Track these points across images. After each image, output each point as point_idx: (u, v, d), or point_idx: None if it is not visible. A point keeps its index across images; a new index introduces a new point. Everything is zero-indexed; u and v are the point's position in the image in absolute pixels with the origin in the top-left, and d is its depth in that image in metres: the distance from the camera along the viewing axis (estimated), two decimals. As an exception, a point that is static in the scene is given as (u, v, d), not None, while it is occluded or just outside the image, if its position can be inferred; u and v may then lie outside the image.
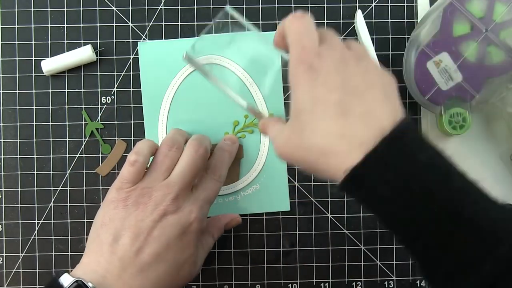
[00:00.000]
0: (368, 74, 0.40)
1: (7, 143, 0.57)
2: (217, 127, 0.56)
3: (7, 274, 0.56)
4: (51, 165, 0.56)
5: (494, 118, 0.57)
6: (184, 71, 0.56)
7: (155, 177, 0.47)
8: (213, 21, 0.53)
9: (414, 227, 0.36)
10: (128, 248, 0.44)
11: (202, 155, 0.49)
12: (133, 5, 0.57)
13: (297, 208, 0.57)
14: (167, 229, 0.45)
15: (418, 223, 0.36)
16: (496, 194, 0.56)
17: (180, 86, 0.56)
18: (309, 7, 0.57)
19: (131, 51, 0.57)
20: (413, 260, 0.44)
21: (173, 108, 0.56)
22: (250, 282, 0.56)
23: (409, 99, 0.57)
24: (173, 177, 0.47)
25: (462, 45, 0.52)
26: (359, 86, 0.39)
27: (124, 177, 0.47)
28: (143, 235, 0.45)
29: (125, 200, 0.46)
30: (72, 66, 0.56)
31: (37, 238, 0.56)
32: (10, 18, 0.57)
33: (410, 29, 0.57)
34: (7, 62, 0.57)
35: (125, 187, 0.47)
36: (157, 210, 0.45)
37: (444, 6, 0.52)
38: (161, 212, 0.45)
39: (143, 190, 0.46)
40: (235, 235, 0.57)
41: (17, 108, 0.57)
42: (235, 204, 0.56)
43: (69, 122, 0.57)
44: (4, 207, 0.56)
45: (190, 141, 0.50)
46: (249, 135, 0.56)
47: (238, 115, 0.56)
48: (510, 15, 0.51)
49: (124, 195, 0.46)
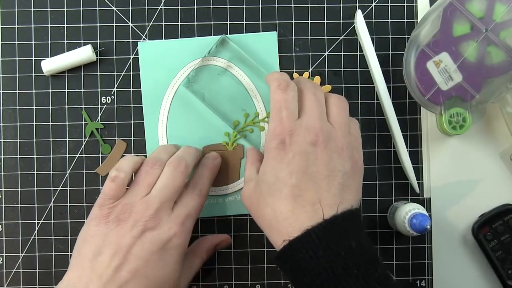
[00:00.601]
0: (332, 162, 0.44)
1: (7, 143, 0.57)
2: (217, 128, 0.56)
3: (7, 274, 0.56)
4: (51, 165, 0.56)
5: (494, 118, 0.57)
6: (184, 71, 0.56)
7: (136, 193, 0.48)
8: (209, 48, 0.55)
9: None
10: (107, 265, 0.45)
11: (182, 172, 0.49)
12: (133, 5, 0.57)
13: (297, 208, 0.57)
14: (146, 245, 0.46)
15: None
16: (496, 194, 0.56)
17: (180, 86, 0.56)
18: (309, 7, 0.57)
19: (131, 51, 0.57)
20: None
21: (173, 108, 0.56)
22: (250, 282, 0.56)
23: (409, 99, 0.57)
24: (153, 193, 0.48)
25: (462, 45, 0.52)
26: (319, 173, 0.44)
27: (106, 193, 0.48)
28: (123, 252, 0.45)
29: (107, 216, 0.47)
30: (72, 66, 0.56)
31: (37, 238, 0.56)
32: (10, 18, 0.57)
33: (410, 29, 0.57)
34: (7, 62, 0.57)
35: (107, 204, 0.47)
36: (137, 227, 0.46)
37: (444, 6, 0.52)
38: (140, 228, 0.46)
39: (124, 206, 0.47)
40: (235, 235, 0.57)
41: (17, 108, 0.57)
42: (235, 204, 0.56)
43: (69, 122, 0.57)
44: (4, 207, 0.56)
45: (171, 159, 0.50)
46: (249, 135, 0.56)
47: (238, 115, 0.56)
48: (510, 15, 0.51)
49: (106, 212, 0.47)
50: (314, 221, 0.42)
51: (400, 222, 0.51)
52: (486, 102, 0.53)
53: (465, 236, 0.56)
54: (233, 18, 0.57)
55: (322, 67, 0.57)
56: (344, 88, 0.57)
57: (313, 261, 0.41)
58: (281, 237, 0.43)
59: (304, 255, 0.41)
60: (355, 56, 0.57)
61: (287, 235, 0.42)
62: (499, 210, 0.55)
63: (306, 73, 0.57)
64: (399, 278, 0.56)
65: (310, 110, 0.46)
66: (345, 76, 0.57)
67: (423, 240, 0.57)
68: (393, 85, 0.57)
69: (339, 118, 0.47)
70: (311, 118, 0.45)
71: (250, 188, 0.48)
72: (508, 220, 0.55)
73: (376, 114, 0.57)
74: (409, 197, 0.57)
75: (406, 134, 0.56)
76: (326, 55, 0.57)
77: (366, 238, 0.43)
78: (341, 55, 0.57)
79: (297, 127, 0.45)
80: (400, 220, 0.52)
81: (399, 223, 0.52)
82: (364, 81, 0.57)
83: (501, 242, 0.55)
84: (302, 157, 0.44)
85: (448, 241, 0.56)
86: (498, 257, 0.54)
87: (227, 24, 0.57)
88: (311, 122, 0.45)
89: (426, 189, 0.57)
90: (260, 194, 0.45)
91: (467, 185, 0.56)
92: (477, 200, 0.56)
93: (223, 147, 0.56)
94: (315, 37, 0.57)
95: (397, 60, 0.57)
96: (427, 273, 0.57)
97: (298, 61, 0.57)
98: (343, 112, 0.48)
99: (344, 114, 0.48)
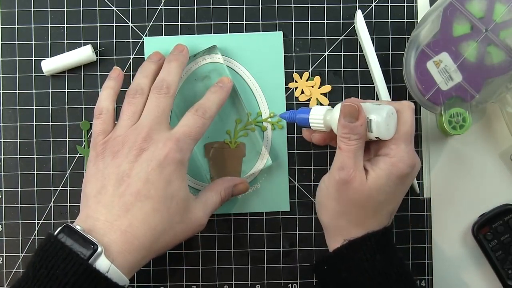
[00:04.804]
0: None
1: (7, 143, 0.56)
2: (219, 125, 0.56)
3: (7, 274, 0.56)
4: (51, 165, 0.56)
5: (494, 118, 0.57)
6: (188, 68, 0.56)
7: (124, 124, 0.48)
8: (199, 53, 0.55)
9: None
10: (111, 194, 0.45)
11: (164, 93, 0.49)
12: (133, 5, 0.57)
13: (297, 208, 0.57)
14: (144, 165, 0.46)
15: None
16: (496, 194, 0.56)
17: (183, 83, 0.56)
18: (309, 7, 0.57)
19: (131, 51, 0.57)
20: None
21: (175, 104, 0.56)
22: (250, 282, 0.56)
23: (409, 99, 0.57)
24: (141, 120, 0.48)
25: (462, 45, 0.52)
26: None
27: (94, 131, 0.49)
28: (123, 178, 0.45)
29: (102, 153, 0.47)
30: (72, 66, 0.56)
31: (37, 238, 0.56)
32: (10, 18, 0.57)
33: (410, 29, 0.57)
34: (7, 62, 0.57)
35: (99, 140, 0.48)
36: (131, 151, 0.46)
37: (444, 6, 0.52)
38: (135, 152, 0.46)
39: (115, 139, 0.47)
40: (235, 235, 0.57)
41: (17, 108, 0.57)
42: (235, 203, 0.56)
43: (69, 122, 0.57)
44: (4, 207, 0.56)
45: (153, 85, 0.50)
46: (251, 134, 0.56)
47: (240, 113, 0.56)
48: (510, 15, 0.51)
49: (100, 149, 0.48)
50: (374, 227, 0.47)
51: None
52: (486, 102, 0.53)
53: (465, 236, 0.56)
54: (233, 18, 0.57)
55: (322, 67, 0.57)
56: (344, 88, 0.57)
57: (369, 263, 0.45)
58: (341, 236, 0.47)
59: (362, 256, 0.45)
60: (355, 56, 0.57)
61: (347, 235, 0.47)
62: (499, 210, 0.55)
63: (306, 73, 0.57)
64: (399, 278, 0.56)
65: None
66: (345, 76, 0.57)
67: (423, 240, 0.57)
68: (393, 85, 0.57)
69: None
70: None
71: (322, 193, 0.50)
72: (508, 220, 0.55)
73: (376, 114, 0.57)
74: (409, 197, 0.57)
75: (406, 134, 0.56)
76: (326, 55, 0.57)
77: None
78: (341, 55, 0.57)
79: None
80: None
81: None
82: (364, 81, 0.57)
83: (501, 242, 0.55)
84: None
85: (448, 241, 0.56)
86: (498, 257, 0.54)
87: (227, 24, 0.57)
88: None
89: (426, 189, 0.57)
90: (321, 203, 0.50)
91: (467, 185, 0.56)
92: (477, 200, 0.56)
93: (226, 145, 0.56)
94: (315, 37, 0.57)
95: (397, 60, 0.57)
96: (427, 273, 0.57)
97: (298, 61, 0.57)
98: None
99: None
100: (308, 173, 0.57)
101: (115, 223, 0.44)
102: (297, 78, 0.57)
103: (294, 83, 0.57)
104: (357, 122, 0.45)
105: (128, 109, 0.49)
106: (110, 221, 0.44)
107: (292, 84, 0.57)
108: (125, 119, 0.49)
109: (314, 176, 0.57)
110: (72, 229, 0.43)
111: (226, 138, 0.56)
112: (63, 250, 0.41)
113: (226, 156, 0.56)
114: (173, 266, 0.57)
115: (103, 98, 0.50)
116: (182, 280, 0.57)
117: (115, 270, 0.42)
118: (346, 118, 0.46)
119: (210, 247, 0.57)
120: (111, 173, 0.46)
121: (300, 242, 0.57)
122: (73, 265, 0.41)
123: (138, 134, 0.47)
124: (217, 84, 0.52)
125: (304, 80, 0.57)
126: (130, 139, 0.47)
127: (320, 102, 0.57)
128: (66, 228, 0.43)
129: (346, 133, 0.46)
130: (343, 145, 0.46)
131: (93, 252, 0.42)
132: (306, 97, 0.57)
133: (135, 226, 0.44)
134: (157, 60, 0.52)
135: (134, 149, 0.46)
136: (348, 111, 0.46)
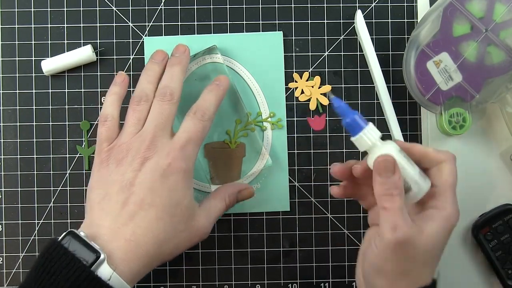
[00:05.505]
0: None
1: (7, 143, 0.57)
2: (218, 125, 0.56)
3: (7, 274, 0.56)
4: (51, 165, 0.56)
5: (494, 118, 0.57)
6: (188, 68, 0.56)
7: (128, 131, 0.48)
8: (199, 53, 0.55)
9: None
10: (114, 202, 0.45)
11: (168, 100, 0.49)
12: (133, 5, 0.57)
13: (297, 208, 0.57)
14: (148, 175, 0.46)
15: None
16: (496, 194, 0.56)
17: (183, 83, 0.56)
18: (309, 7, 0.57)
19: (131, 51, 0.57)
20: None
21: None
22: (250, 282, 0.56)
23: (409, 99, 0.57)
24: (145, 128, 0.48)
25: (462, 45, 0.52)
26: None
27: (99, 138, 0.49)
28: (127, 187, 0.46)
29: (106, 160, 0.47)
30: (72, 66, 0.56)
31: (37, 238, 0.56)
32: (10, 18, 0.57)
33: (410, 29, 0.57)
34: (7, 62, 0.57)
35: (103, 147, 0.48)
36: (136, 160, 0.46)
37: (444, 6, 0.52)
38: (139, 161, 0.46)
39: (120, 146, 0.48)
40: (235, 235, 0.57)
41: (17, 108, 0.57)
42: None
43: (69, 122, 0.57)
44: (4, 207, 0.56)
45: (158, 90, 0.50)
46: (251, 134, 0.56)
47: (240, 113, 0.56)
48: (510, 15, 0.51)
49: (104, 156, 0.48)
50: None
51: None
52: (486, 102, 0.53)
53: (465, 236, 0.56)
54: (233, 18, 0.57)
55: (322, 67, 0.57)
56: (344, 88, 0.57)
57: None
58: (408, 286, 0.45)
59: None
60: (355, 56, 0.57)
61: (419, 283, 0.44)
62: (499, 210, 0.55)
63: (306, 73, 0.57)
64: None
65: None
66: (345, 76, 0.57)
67: (423, 240, 0.57)
68: (393, 85, 0.57)
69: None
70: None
71: (372, 250, 0.45)
72: (508, 220, 0.55)
73: (376, 114, 0.57)
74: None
75: (406, 134, 0.56)
76: (326, 55, 0.57)
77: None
78: (341, 55, 0.57)
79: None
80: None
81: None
82: (364, 81, 0.57)
83: (501, 242, 0.55)
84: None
85: (448, 241, 0.56)
86: (498, 257, 0.54)
87: (227, 24, 0.57)
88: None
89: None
90: (416, 254, 0.44)
91: (467, 185, 0.56)
92: (477, 200, 0.56)
93: (225, 145, 0.56)
94: (315, 37, 0.57)
95: (397, 60, 0.57)
96: (427, 273, 0.57)
97: (298, 61, 0.57)
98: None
99: None
100: (308, 173, 0.57)
101: (119, 231, 0.44)
102: (297, 78, 0.57)
103: (294, 83, 0.57)
104: (395, 176, 0.42)
105: (133, 116, 0.49)
106: (114, 229, 0.44)
107: (292, 84, 0.57)
108: (129, 126, 0.49)
109: (314, 176, 0.57)
110: (76, 235, 0.43)
111: (226, 138, 0.56)
112: (66, 256, 0.42)
113: (226, 156, 0.56)
114: (173, 266, 0.57)
115: (108, 104, 0.50)
116: (182, 280, 0.57)
117: (117, 278, 0.42)
118: (382, 174, 0.43)
119: (210, 247, 0.57)
120: (115, 181, 0.46)
121: (300, 242, 0.57)
122: (75, 271, 0.41)
123: (142, 142, 0.47)
124: (214, 82, 0.52)
125: (304, 80, 0.57)
126: (134, 146, 0.47)
127: (320, 102, 0.57)
128: (70, 234, 0.43)
129: (387, 189, 0.42)
130: (388, 204, 0.42)
131: (95, 259, 0.42)
132: (306, 97, 0.57)
133: (139, 235, 0.44)
134: (160, 60, 0.52)
135: (138, 157, 0.46)
136: (383, 167, 0.43)
